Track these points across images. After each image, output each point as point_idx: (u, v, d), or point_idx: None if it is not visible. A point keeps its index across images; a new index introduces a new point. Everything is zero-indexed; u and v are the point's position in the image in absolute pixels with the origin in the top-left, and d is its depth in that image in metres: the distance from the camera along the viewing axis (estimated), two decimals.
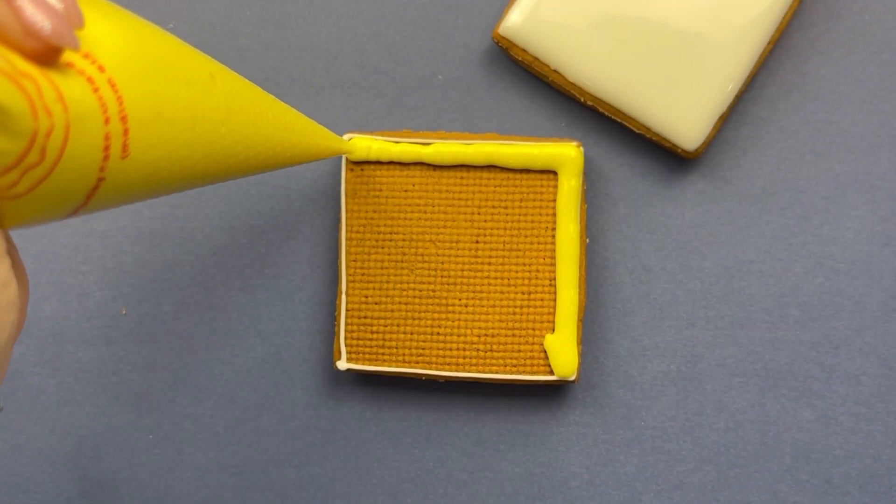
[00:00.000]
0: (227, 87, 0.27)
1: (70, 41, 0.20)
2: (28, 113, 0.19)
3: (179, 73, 0.24)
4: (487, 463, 0.42)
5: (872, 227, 0.42)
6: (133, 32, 0.23)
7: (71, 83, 0.20)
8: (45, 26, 0.20)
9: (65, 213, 0.21)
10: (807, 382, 0.42)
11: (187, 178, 0.25)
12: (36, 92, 0.19)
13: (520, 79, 0.43)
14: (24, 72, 0.19)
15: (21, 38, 0.19)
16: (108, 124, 0.21)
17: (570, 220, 0.40)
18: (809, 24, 0.42)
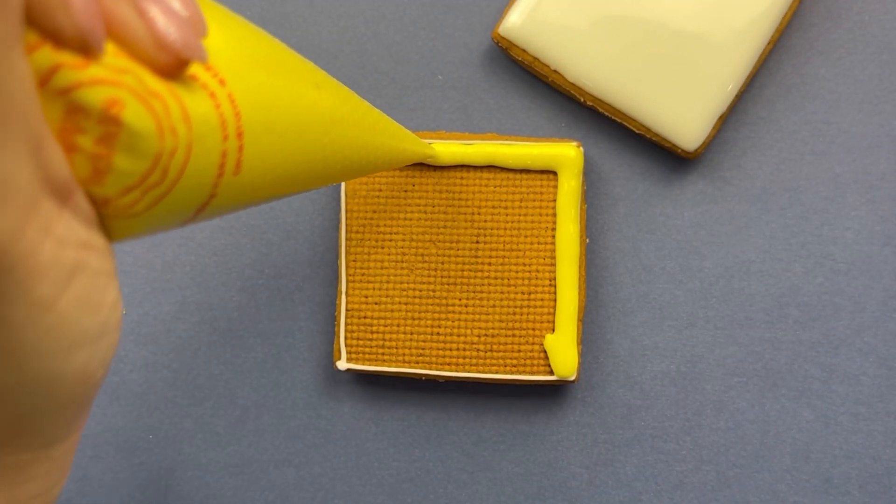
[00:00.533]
0: (332, 95, 0.26)
1: (199, 54, 0.20)
2: (155, 134, 0.19)
3: (289, 83, 0.24)
4: (487, 463, 0.42)
5: (872, 227, 0.42)
6: (247, 41, 0.23)
7: (196, 99, 0.20)
8: (177, 39, 0.19)
9: (171, 228, 0.21)
10: (806, 382, 0.42)
11: (289, 187, 0.25)
12: (164, 111, 0.19)
13: (520, 79, 0.43)
14: (154, 90, 0.19)
15: (153, 52, 0.19)
16: (226, 141, 0.21)
17: (570, 220, 0.40)
18: (809, 25, 0.42)
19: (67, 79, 0.17)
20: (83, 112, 0.18)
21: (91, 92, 0.18)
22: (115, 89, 0.18)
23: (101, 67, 0.18)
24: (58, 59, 0.17)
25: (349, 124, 0.27)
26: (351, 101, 0.28)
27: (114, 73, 0.18)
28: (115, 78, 0.18)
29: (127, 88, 0.18)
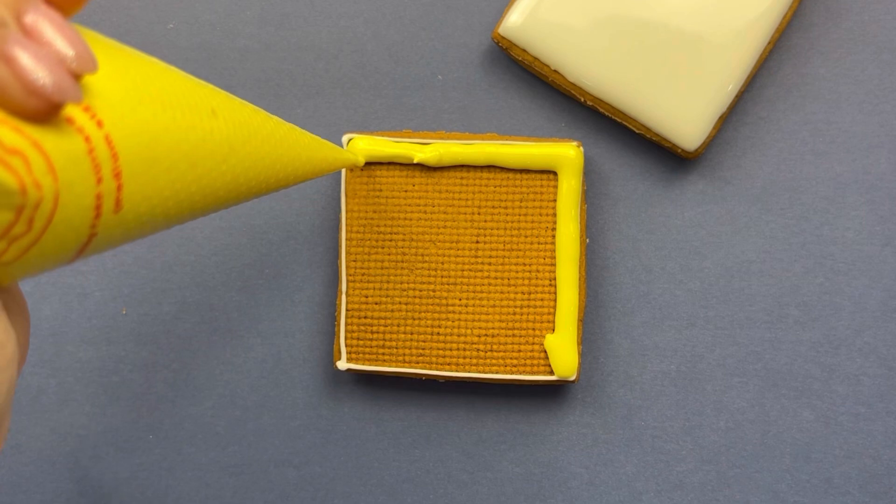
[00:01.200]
0: (230, 121, 0.26)
1: (73, 95, 0.19)
2: (16, 190, 0.18)
3: (180, 115, 0.23)
4: (487, 463, 0.42)
5: (872, 227, 0.42)
6: (134, 76, 0.22)
7: (64, 147, 0.19)
8: (47, 83, 0.18)
9: (56, 266, 0.21)
10: (806, 382, 0.42)
11: (185, 216, 0.25)
12: (24, 168, 0.18)
13: (520, 79, 0.43)
14: (12, 147, 0.18)
15: (21, 98, 0.18)
16: (100, 184, 0.20)
17: (570, 220, 0.40)
18: (809, 25, 0.42)
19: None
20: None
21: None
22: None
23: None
24: None
25: (253, 146, 0.27)
26: (254, 121, 0.28)
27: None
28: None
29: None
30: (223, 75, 0.43)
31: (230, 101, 0.27)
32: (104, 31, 0.43)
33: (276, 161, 0.29)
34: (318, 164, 0.32)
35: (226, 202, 0.26)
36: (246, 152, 0.26)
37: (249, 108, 0.28)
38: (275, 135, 0.29)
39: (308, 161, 0.31)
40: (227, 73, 0.43)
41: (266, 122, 0.28)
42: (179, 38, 0.43)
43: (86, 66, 0.19)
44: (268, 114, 0.29)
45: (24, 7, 0.19)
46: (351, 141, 0.41)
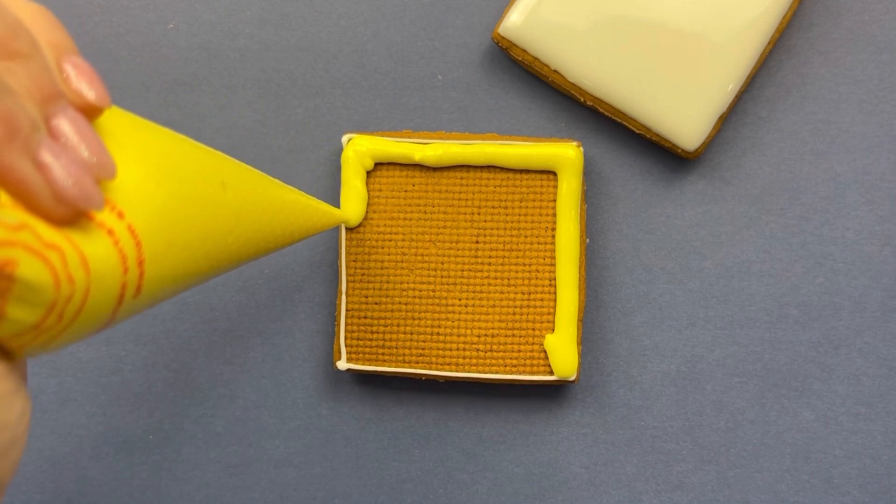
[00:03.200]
0: (238, 191, 0.26)
1: (97, 203, 0.19)
2: (51, 285, 0.19)
3: (194, 192, 0.24)
4: (487, 463, 0.42)
5: (872, 227, 0.42)
6: (151, 158, 0.22)
7: (94, 242, 0.20)
8: (75, 193, 0.19)
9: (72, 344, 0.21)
10: (806, 382, 0.42)
11: (191, 285, 0.25)
12: (61, 263, 0.19)
13: (520, 79, 0.43)
14: (51, 242, 0.19)
15: (50, 205, 0.19)
16: (126, 273, 0.21)
17: (570, 220, 0.40)
18: (809, 25, 0.42)
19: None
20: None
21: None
22: (10, 249, 0.18)
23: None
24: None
25: (255, 215, 0.27)
26: (258, 189, 0.28)
27: (9, 232, 0.18)
28: (9, 238, 0.18)
29: (22, 246, 0.18)
30: (223, 75, 0.43)
31: (237, 169, 0.27)
32: (103, 31, 0.43)
33: (277, 226, 0.29)
34: (313, 228, 0.33)
35: (227, 269, 0.27)
36: (249, 222, 0.27)
37: (252, 175, 0.28)
38: (274, 202, 0.29)
39: (303, 225, 0.32)
40: (226, 74, 0.43)
41: (268, 189, 0.29)
42: (179, 39, 0.43)
43: (106, 174, 0.20)
44: (267, 177, 0.30)
45: (53, 109, 0.20)
46: (351, 141, 0.41)
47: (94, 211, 0.20)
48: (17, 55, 0.19)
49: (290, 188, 0.32)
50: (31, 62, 0.19)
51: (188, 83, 0.43)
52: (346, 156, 0.41)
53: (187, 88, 0.43)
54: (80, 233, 0.19)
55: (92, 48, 0.43)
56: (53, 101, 0.20)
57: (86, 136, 0.20)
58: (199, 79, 0.43)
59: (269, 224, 0.29)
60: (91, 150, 0.20)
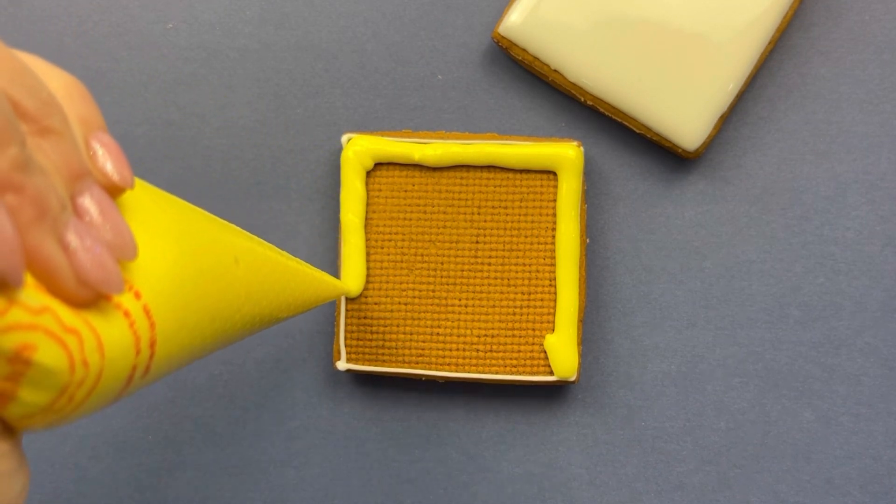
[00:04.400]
0: (249, 267, 0.26)
1: (118, 287, 0.19)
2: (66, 370, 0.18)
3: (208, 270, 0.24)
4: (487, 463, 0.42)
5: (873, 226, 0.42)
6: (168, 231, 0.22)
7: (111, 325, 0.19)
8: (97, 277, 0.19)
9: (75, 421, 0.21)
10: (807, 383, 0.42)
11: (195, 359, 0.25)
12: (78, 347, 0.18)
13: (520, 78, 0.42)
14: (70, 326, 0.18)
15: (72, 288, 0.19)
16: (138, 355, 0.20)
17: (571, 220, 0.40)
18: (810, 24, 0.42)
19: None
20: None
21: (4, 338, 0.17)
22: (30, 333, 0.18)
23: (18, 311, 0.17)
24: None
25: (263, 290, 0.27)
26: (268, 264, 0.28)
27: (31, 316, 0.18)
28: (31, 321, 0.18)
29: (42, 330, 0.18)
30: (222, 75, 0.43)
31: (248, 242, 0.27)
32: (102, 31, 0.43)
33: (281, 303, 0.29)
34: (315, 302, 0.33)
35: (231, 342, 0.27)
36: (257, 298, 0.27)
37: (261, 248, 0.28)
38: (281, 276, 0.29)
39: (307, 300, 0.32)
40: (226, 73, 0.43)
41: (277, 264, 0.29)
42: (179, 38, 0.43)
43: (127, 256, 0.20)
44: (274, 249, 0.30)
45: (80, 188, 0.20)
46: (350, 141, 0.41)
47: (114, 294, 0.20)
48: (48, 132, 0.19)
49: (293, 259, 0.32)
50: (62, 139, 0.19)
51: (187, 83, 0.43)
52: (346, 155, 0.41)
53: (186, 88, 0.43)
54: (97, 315, 0.19)
55: (91, 47, 0.43)
56: (80, 180, 0.20)
57: (110, 216, 0.20)
58: (198, 78, 0.43)
59: (276, 299, 0.29)
60: (115, 231, 0.20)
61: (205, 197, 0.43)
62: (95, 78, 0.43)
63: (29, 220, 0.18)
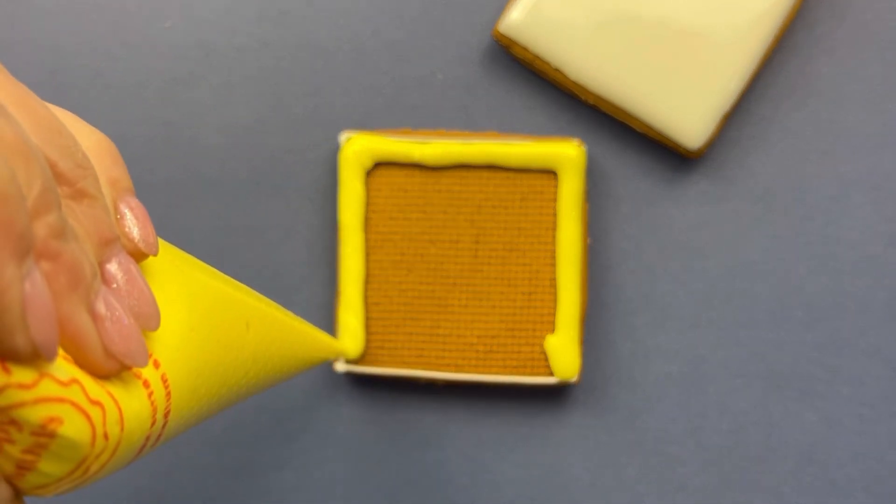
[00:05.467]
0: (259, 332, 0.26)
1: (144, 360, 0.19)
2: (88, 443, 0.18)
3: (222, 336, 0.23)
4: (488, 466, 0.42)
5: (877, 226, 0.42)
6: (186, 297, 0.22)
7: (131, 396, 0.19)
8: (125, 348, 0.18)
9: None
10: (811, 384, 0.41)
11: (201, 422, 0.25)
12: (100, 419, 0.18)
13: (520, 77, 0.42)
14: (96, 399, 0.18)
15: (100, 360, 0.18)
16: (153, 426, 0.20)
17: (572, 220, 0.40)
18: (813, 23, 0.42)
19: (11, 399, 0.17)
20: (17, 426, 0.17)
21: (32, 410, 0.17)
22: (58, 406, 0.17)
23: (48, 383, 0.17)
24: (5, 380, 0.16)
25: (269, 354, 0.27)
26: (275, 326, 0.28)
27: (59, 388, 0.17)
28: (59, 394, 0.17)
29: (70, 403, 0.18)
30: (220, 74, 0.42)
31: (258, 303, 0.27)
32: (100, 29, 0.43)
33: (284, 364, 0.29)
34: (312, 361, 0.33)
35: (235, 403, 0.27)
36: (264, 361, 0.27)
37: (270, 310, 0.28)
38: (287, 338, 0.29)
39: (308, 360, 0.32)
40: (224, 72, 0.42)
41: (283, 325, 0.29)
42: (176, 37, 0.43)
43: (151, 326, 0.20)
44: (281, 309, 0.30)
45: (108, 254, 0.19)
46: (349, 140, 0.41)
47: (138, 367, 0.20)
48: (82, 195, 0.19)
49: (297, 318, 0.32)
50: (95, 203, 0.19)
51: (185, 81, 0.42)
52: (345, 155, 0.41)
53: (184, 87, 0.42)
54: (119, 386, 0.19)
55: (88, 46, 0.43)
56: (109, 246, 0.19)
57: (136, 285, 0.20)
58: (196, 77, 0.42)
59: (280, 362, 0.29)
60: (140, 300, 0.19)
61: (202, 197, 0.43)
62: (93, 77, 0.43)
63: (62, 289, 0.17)
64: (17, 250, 0.15)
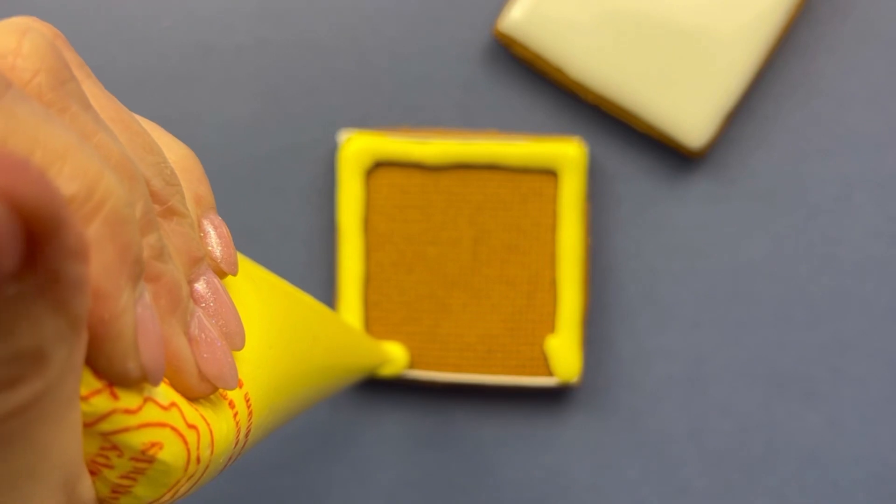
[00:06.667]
0: (326, 344, 0.26)
1: (235, 381, 0.19)
2: (183, 466, 0.18)
3: (296, 351, 0.23)
4: (488, 467, 0.42)
5: (880, 226, 0.42)
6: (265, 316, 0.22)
7: (220, 418, 0.19)
8: (218, 371, 0.18)
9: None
10: (813, 385, 0.41)
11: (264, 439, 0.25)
12: (196, 442, 0.18)
13: (521, 76, 0.42)
14: (192, 422, 0.18)
15: (195, 383, 0.18)
16: (235, 446, 0.20)
17: (573, 220, 0.40)
18: (816, 21, 0.42)
19: (116, 424, 0.17)
20: (118, 451, 0.17)
21: (135, 436, 0.17)
22: (160, 430, 0.17)
23: (152, 407, 0.17)
24: (113, 405, 0.16)
25: (332, 364, 0.27)
26: (338, 339, 0.28)
27: (161, 413, 0.17)
28: (161, 419, 0.17)
29: (170, 427, 0.17)
30: (219, 72, 0.42)
31: (324, 316, 0.27)
32: (98, 28, 0.43)
33: (342, 374, 0.29)
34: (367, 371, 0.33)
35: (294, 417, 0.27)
36: (327, 374, 0.27)
37: (334, 321, 0.28)
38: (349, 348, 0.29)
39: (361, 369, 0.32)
40: (222, 70, 0.42)
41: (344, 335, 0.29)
42: (175, 36, 0.43)
43: (237, 345, 0.19)
44: (342, 321, 0.30)
45: (197, 273, 0.19)
46: (349, 141, 0.41)
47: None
48: (172, 213, 0.18)
49: (354, 328, 0.32)
50: (184, 221, 0.18)
51: (184, 80, 0.42)
52: (345, 155, 0.41)
53: (182, 85, 0.42)
54: (209, 408, 0.19)
55: (87, 45, 0.43)
56: (198, 265, 0.19)
57: (224, 304, 0.19)
58: (194, 76, 0.42)
59: (342, 371, 0.29)
60: (228, 320, 0.19)
61: None
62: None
63: (163, 311, 0.17)
64: (133, 274, 0.15)
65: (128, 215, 0.15)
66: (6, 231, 0.11)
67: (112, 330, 0.15)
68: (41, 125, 0.14)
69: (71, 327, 0.13)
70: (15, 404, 0.13)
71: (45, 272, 0.12)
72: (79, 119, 0.16)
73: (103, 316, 0.15)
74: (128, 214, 0.15)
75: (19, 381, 0.13)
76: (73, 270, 0.13)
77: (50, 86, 0.15)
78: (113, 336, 0.15)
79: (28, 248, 0.12)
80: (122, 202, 0.15)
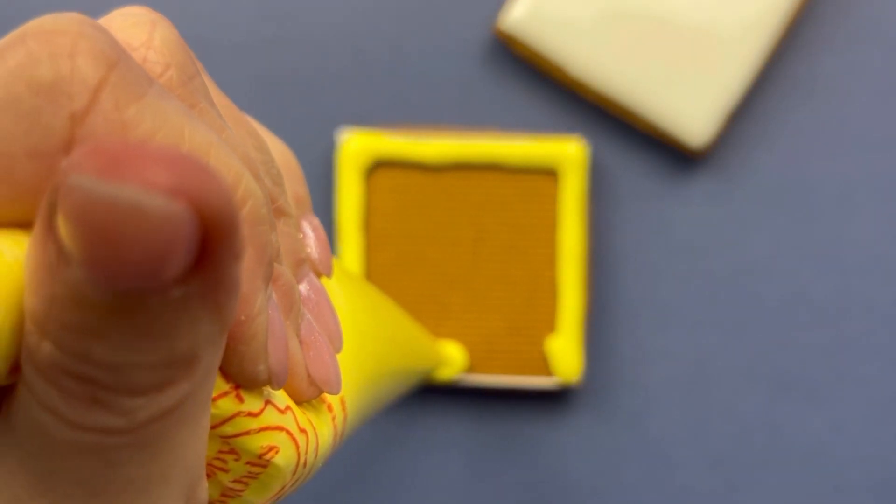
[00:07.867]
0: (401, 344, 0.26)
1: (339, 385, 0.19)
2: (292, 471, 0.18)
3: (380, 352, 0.23)
4: (488, 469, 0.42)
5: (883, 226, 0.42)
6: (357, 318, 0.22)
7: (321, 422, 0.19)
8: (325, 374, 0.18)
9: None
10: (816, 386, 0.41)
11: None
12: (305, 446, 0.18)
13: (522, 74, 0.42)
14: (303, 426, 0.18)
15: (304, 386, 0.18)
16: (331, 449, 0.20)
17: (573, 220, 0.40)
18: (819, 20, 0.42)
19: (239, 427, 0.17)
20: (236, 454, 0.17)
21: (254, 439, 0.17)
22: (277, 434, 0.17)
23: (271, 411, 0.17)
24: (238, 408, 0.16)
25: (403, 368, 0.27)
26: (410, 339, 0.28)
27: (279, 417, 0.17)
28: (279, 422, 0.17)
29: (286, 431, 0.17)
30: (217, 71, 0.42)
31: (399, 316, 0.27)
32: None
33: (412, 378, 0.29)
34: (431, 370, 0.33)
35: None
36: (398, 378, 0.27)
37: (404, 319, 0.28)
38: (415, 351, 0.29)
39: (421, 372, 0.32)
40: (221, 69, 0.42)
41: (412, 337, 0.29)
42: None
43: (337, 348, 0.19)
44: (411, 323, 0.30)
45: (301, 275, 0.19)
46: (348, 140, 0.41)
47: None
48: (279, 214, 0.18)
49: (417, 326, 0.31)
50: (289, 222, 0.18)
51: None
52: (344, 154, 0.41)
53: None
54: (313, 412, 0.19)
55: None
56: (302, 266, 0.19)
57: (326, 306, 0.19)
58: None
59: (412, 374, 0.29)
60: (329, 322, 0.19)
61: None
62: None
63: (282, 314, 0.17)
64: (267, 275, 0.15)
65: (265, 215, 0.15)
66: (188, 234, 0.11)
67: (248, 331, 0.15)
68: (185, 122, 0.13)
69: (221, 330, 0.13)
70: (164, 408, 0.13)
71: (212, 275, 0.12)
72: (207, 115, 0.15)
73: (240, 317, 0.15)
74: (265, 214, 0.15)
75: (170, 383, 0.13)
76: (234, 273, 0.12)
77: (180, 81, 0.15)
78: (248, 338, 0.15)
79: (199, 251, 0.11)
80: (261, 202, 0.15)
